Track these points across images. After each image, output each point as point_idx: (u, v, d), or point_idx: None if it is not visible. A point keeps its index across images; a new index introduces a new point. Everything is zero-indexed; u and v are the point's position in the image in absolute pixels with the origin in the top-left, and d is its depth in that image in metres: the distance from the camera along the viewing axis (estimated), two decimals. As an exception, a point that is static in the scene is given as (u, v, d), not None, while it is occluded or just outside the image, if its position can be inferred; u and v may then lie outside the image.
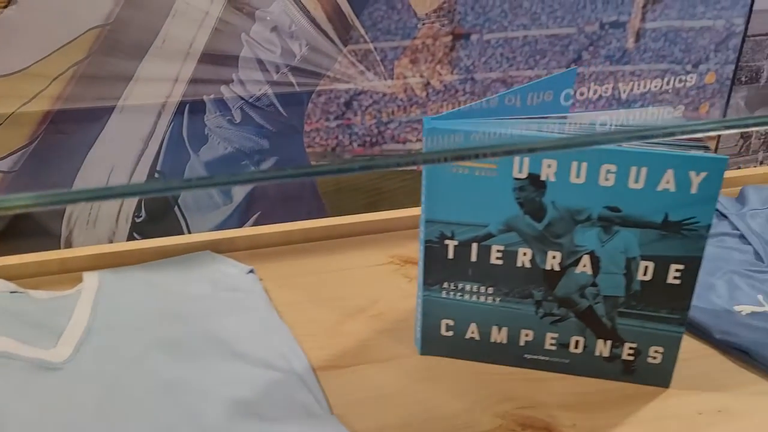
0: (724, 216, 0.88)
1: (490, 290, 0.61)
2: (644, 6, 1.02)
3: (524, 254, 0.59)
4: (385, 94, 0.95)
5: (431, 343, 0.65)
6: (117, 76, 0.83)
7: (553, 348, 0.62)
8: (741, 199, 0.93)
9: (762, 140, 1.23)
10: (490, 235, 0.59)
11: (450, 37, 0.95)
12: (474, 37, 0.95)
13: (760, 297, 0.73)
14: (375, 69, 0.93)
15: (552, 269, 0.59)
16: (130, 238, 0.91)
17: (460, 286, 0.61)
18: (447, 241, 0.60)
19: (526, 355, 0.64)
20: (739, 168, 1.25)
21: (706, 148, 0.54)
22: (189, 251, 0.77)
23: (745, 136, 1.22)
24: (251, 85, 0.88)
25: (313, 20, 0.87)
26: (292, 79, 0.90)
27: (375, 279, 0.77)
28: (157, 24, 0.82)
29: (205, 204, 0.94)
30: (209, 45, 0.85)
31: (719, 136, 1.19)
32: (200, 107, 0.88)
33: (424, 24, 0.93)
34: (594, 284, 0.59)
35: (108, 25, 0.80)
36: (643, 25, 1.04)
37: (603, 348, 0.62)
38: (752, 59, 1.14)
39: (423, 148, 0.57)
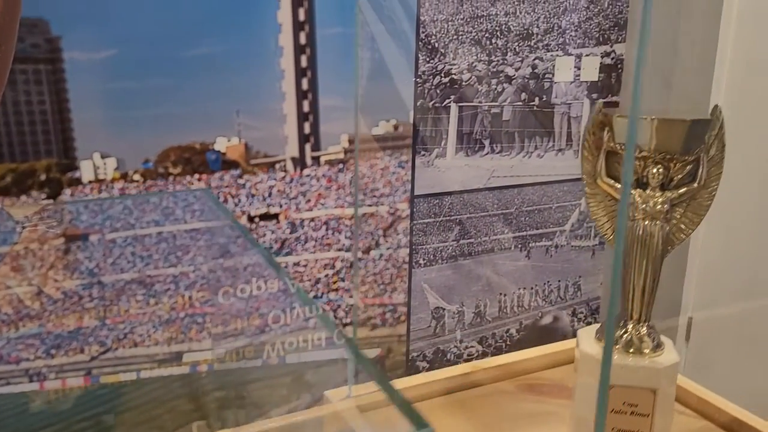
0: None
1: None
2: (294, 197, 0.99)
3: None
4: (-17, 309, 0.81)
5: None
6: None
7: None
8: None
9: (456, 319, 1.21)
10: None
11: (62, 239, 0.84)
12: (94, 238, 0.86)
13: None
14: (-35, 280, 0.79)
15: None
16: None
17: None
18: None
19: None
20: (437, 348, 1.22)
21: None
22: None
23: (437, 317, 1.20)
24: None
25: None
26: None
27: None
28: None
29: None
30: None
31: (408, 323, 1.16)
32: None
33: (25, 227, 0.82)
34: None
35: None
36: (299, 215, 1.00)
37: None
38: (426, 242, 1.14)
39: None
